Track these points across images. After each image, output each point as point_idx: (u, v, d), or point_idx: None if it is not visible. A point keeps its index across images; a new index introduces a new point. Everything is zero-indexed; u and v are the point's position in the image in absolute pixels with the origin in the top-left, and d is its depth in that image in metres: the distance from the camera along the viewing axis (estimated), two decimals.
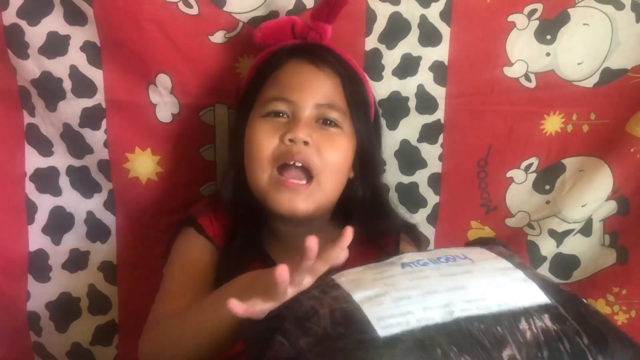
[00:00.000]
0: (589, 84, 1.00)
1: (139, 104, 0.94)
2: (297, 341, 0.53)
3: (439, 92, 0.98)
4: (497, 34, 0.97)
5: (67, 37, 0.90)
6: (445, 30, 0.96)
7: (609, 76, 0.99)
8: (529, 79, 0.99)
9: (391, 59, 0.96)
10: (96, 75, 0.92)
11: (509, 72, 0.98)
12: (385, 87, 0.97)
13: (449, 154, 1.01)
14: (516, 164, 1.02)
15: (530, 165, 1.03)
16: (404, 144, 1.00)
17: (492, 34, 0.97)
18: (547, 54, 0.98)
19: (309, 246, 0.55)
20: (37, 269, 0.99)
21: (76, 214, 0.99)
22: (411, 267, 0.59)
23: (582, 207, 1.03)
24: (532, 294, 0.57)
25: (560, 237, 1.04)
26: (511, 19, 0.96)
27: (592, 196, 1.03)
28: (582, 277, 1.07)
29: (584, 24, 0.97)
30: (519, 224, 1.05)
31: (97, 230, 1.00)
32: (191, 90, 0.94)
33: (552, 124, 1.01)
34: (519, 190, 1.04)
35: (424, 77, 0.97)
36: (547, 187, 1.04)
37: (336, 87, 0.83)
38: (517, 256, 0.64)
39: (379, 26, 0.94)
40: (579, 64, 0.99)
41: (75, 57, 0.91)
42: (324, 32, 0.86)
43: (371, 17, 0.94)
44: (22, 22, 0.88)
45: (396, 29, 0.95)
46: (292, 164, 0.80)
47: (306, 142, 0.79)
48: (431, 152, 1.01)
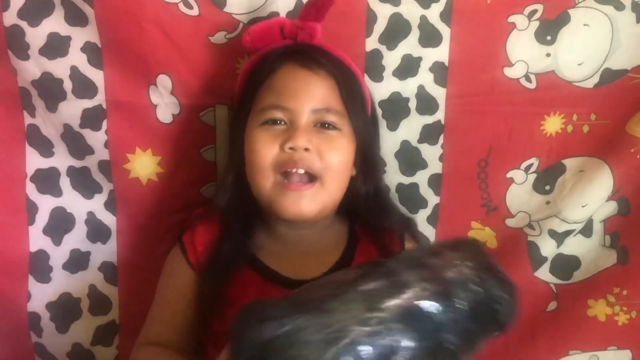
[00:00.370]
0: (590, 84, 1.00)
1: (139, 105, 0.94)
2: None
3: (439, 93, 0.98)
4: (497, 35, 0.97)
5: (67, 38, 0.91)
6: (445, 31, 0.96)
7: (609, 77, 0.99)
8: (529, 80, 0.99)
9: (391, 59, 0.96)
10: (97, 76, 0.92)
11: (509, 72, 0.98)
12: (385, 87, 0.97)
13: (450, 154, 1.01)
14: (516, 165, 1.02)
15: (530, 165, 1.03)
16: (404, 144, 1.00)
17: (492, 35, 0.96)
18: (548, 55, 0.98)
19: None
20: (38, 269, 0.99)
21: (77, 215, 0.99)
22: None
23: (583, 207, 1.03)
24: None
25: (560, 237, 1.04)
26: (511, 19, 0.96)
27: (593, 197, 1.02)
28: (582, 277, 1.07)
29: (585, 25, 0.97)
30: (519, 224, 1.05)
31: (97, 230, 1.00)
32: (192, 90, 0.94)
33: (553, 124, 1.01)
34: (519, 190, 1.04)
35: (425, 77, 0.97)
36: (548, 188, 1.04)
37: (331, 89, 0.83)
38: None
39: (380, 27, 0.94)
40: (579, 65, 0.99)
41: (75, 58, 0.91)
42: (313, 31, 0.85)
43: (371, 18, 0.94)
44: (23, 23, 0.89)
45: (396, 30, 0.95)
46: (295, 171, 0.80)
47: (307, 149, 0.79)
48: (431, 153, 1.01)
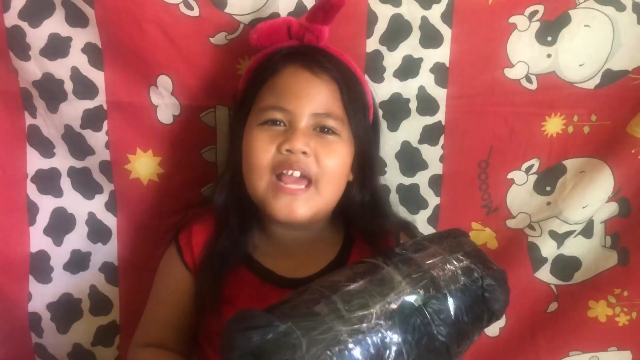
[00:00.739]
0: (590, 85, 0.99)
1: (140, 106, 0.94)
2: None
3: (440, 94, 0.98)
4: (498, 36, 0.96)
5: (68, 39, 0.91)
6: (446, 31, 0.95)
7: (610, 77, 0.99)
8: (530, 81, 0.99)
9: (392, 60, 0.96)
10: (97, 76, 0.92)
11: (510, 73, 0.98)
12: (386, 88, 0.97)
13: (450, 155, 1.01)
14: (517, 165, 1.02)
15: (531, 166, 1.03)
16: (405, 145, 1.00)
17: (493, 36, 0.96)
18: (548, 56, 0.98)
19: None
20: (39, 270, 0.99)
21: (77, 215, 0.99)
22: None
23: (583, 208, 1.03)
24: None
25: (561, 238, 1.04)
26: (512, 20, 0.96)
27: (593, 197, 1.02)
28: (583, 278, 1.07)
29: (585, 26, 0.97)
30: (520, 225, 1.05)
31: (98, 231, 1.00)
32: (192, 91, 0.94)
33: (553, 125, 1.01)
34: (520, 191, 1.03)
35: (425, 78, 0.97)
36: (548, 189, 1.04)
37: (333, 94, 0.82)
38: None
39: (380, 28, 0.94)
40: (580, 66, 0.99)
41: (76, 58, 0.91)
42: (320, 34, 0.84)
43: (372, 18, 0.94)
44: (24, 24, 0.89)
45: (397, 31, 0.95)
46: (290, 173, 0.79)
47: (304, 152, 0.79)
48: (432, 154, 1.01)
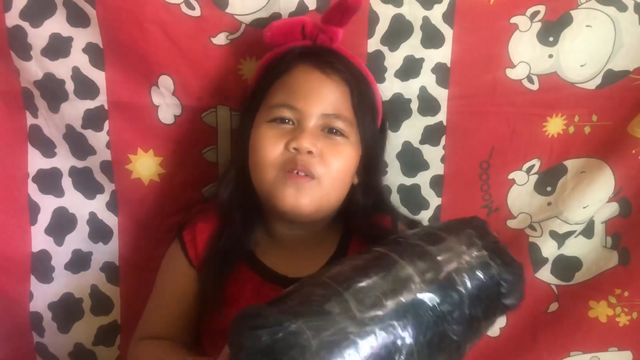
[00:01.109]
0: (592, 85, 0.99)
1: (141, 106, 0.94)
2: None
3: (441, 94, 0.98)
4: (499, 36, 0.96)
5: (69, 39, 0.90)
6: (447, 32, 0.95)
7: (611, 78, 0.99)
8: (531, 81, 0.99)
9: (393, 60, 0.96)
10: (99, 76, 0.92)
11: (512, 73, 0.98)
12: (387, 89, 0.97)
13: (451, 155, 1.01)
14: (518, 166, 1.02)
15: (532, 167, 1.03)
16: (406, 145, 1.00)
17: (494, 36, 0.96)
18: (550, 56, 0.98)
19: None
20: (40, 269, 0.99)
21: (79, 215, 0.99)
22: None
23: (584, 208, 1.03)
24: None
25: (561, 238, 1.04)
26: (514, 20, 0.96)
27: (594, 198, 1.02)
28: (584, 279, 1.07)
29: (587, 26, 0.97)
30: (521, 225, 1.05)
31: (99, 231, 1.00)
32: (193, 91, 0.94)
33: (554, 125, 1.01)
34: (521, 191, 1.04)
35: (427, 78, 0.97)
36: (549, 189, 1.04)
37: (344, 96, 0.82)
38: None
39: (382, 28, 0.94)
40: (581, 66, 0.99)
41: (77, 58, 0.91)
42: (334, 35, 0.85)
43: (373, 18, 0.94)
44: (25, 24, 0.88)
45: (398, 31, 0.95)
46: (296, 172, 0.79)
47: (310, 152, 0.79)
48: (433, 154, 1.01)
